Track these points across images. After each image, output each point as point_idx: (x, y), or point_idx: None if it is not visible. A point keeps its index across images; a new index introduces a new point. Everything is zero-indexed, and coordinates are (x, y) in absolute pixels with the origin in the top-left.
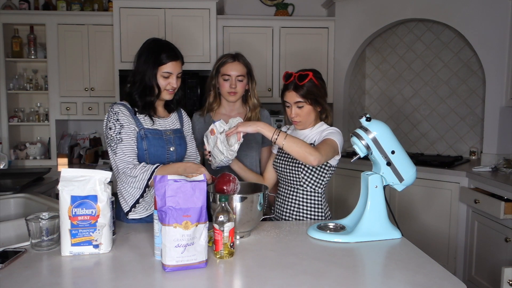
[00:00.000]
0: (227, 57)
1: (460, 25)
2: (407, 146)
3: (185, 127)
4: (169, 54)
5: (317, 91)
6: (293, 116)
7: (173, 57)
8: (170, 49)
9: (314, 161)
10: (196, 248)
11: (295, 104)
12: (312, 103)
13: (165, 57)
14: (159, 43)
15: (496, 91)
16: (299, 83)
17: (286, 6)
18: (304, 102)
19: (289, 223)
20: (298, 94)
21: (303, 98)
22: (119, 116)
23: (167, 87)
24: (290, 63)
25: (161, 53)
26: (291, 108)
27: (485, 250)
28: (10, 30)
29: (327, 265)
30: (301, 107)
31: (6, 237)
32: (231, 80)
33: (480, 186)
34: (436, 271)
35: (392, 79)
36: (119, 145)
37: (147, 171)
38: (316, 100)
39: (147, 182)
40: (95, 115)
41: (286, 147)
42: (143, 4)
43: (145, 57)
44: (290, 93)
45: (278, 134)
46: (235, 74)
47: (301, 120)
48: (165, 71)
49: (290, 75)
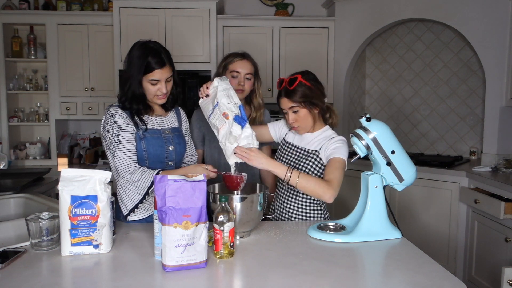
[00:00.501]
0: (235, 55)
1: (460, 25)
2: (407, 146)
3: (183, 126)
4: (155, 61)
5: (310, 93)
6: (291, 122)
7: (159, 64)
8: (156, 55)
9: (329, 199)
10: (196, 248)
11: (290, 109)
12: (306, 106)
13: (151, 65)
14: (146, 49)
15: (496, 91)
16: (290, 88)
17: (286, 6)
18: (298, 106)
19: (289, 223)
20: (290, 99)
21: (296, 103)
22: (116, 118)
23: (157, 93)
24: (290, 63)
25: (146, 61)
26: (288, 114)
27: (485, 250)
28: (10, 30)
29: (327, 265)
30: (296, 111)
31: (6, 237)
32: (240, 77)
33: (480, 186)
34: (436, 271)
35: (392, 79)
36: (117, 148)
37: (148, 178)
38: (311, 102)
39: (147, 190)
40: (95, 115)
41: (300, 187)
42: (143, 4)
43: (133, 63)
44: (283, 99)
45: (291, 173)
46: (244, 71)
47: (300, 125)
48: (152, 78)
49: (282, 81)
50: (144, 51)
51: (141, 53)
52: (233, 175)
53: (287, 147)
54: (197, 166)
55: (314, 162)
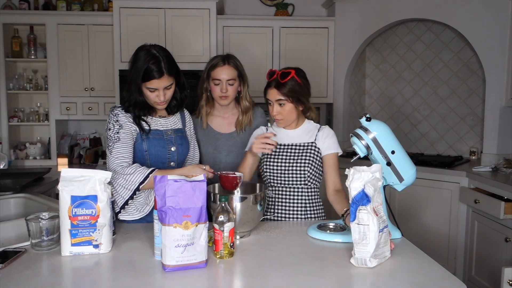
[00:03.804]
0: (217, 59)
1: (460, 25)
2: (407, 146)
3: (187, 127)
4: (154, 69)
5: (299, 90)
6: (275, 114)
7: (158, 73)
8: (155, 64)
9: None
10: (196, 248)
11: (276, 101)
12: (293, 101)
13: (149, 73)
14: (148, 55)
15: (496, 91)
16: (281, 80)
17: (286, 6)
18: (286, 100)
19: (289, 223)
20: (280, 92)
21: (284, 96)
22: (119, 117)
23: (155, 99)
24: (290, 63)
25: (146, 69)
26: (273, 106)
27: (485, 250)
28: (10, 30)
29: (327, 265)
30: (282, 105)
31: (6, 237)
32: (221, 84)
33: (480, 186)
34: (436, 271)
35: (392, 79)
36: (115, 144)
37: (140, 174)
38: (298, 98)
39: (138, 185)
40: (95, 115)
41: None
42: (143, 4)
43: (134, 68)
44: (272, 90)
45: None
46: (225, 78)
47: (283, 118)
48: (150, 87)
49: (274, 73)
50: (145, 58)
51: (142, 59)
52: (230, 176)
53: (278, 150)
54: (195, 167)
55: (314, 153)
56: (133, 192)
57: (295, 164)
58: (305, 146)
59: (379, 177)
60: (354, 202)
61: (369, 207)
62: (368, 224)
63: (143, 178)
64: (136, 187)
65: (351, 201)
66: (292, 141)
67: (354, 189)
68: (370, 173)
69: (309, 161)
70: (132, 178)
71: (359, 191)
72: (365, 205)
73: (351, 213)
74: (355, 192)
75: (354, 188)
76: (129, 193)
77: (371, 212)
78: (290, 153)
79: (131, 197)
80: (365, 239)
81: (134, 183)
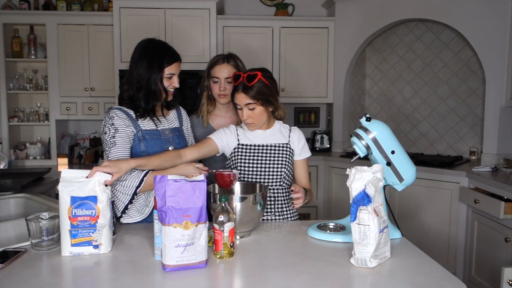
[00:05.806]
0: (218, 58)
1: (460, 25)
2: (407, 146)
3: (184, 126)
4: (171, 55)
5: (267, 91)
6: (245, 118)
7: (175, 58)
8: (170, 51)
9: None
10: (196, 248)
11: (246, 106)
12: (263, 104)
13: (167, 60)
14: (157, 45)
15: (496, 91)
16: (248, 84)
17: (286, 6)
18: (255, 104)
19: (289, 223)
20: (248, 95)
21: (253, 100)
22: (114, 120)
23: (169, 87)
24: (290, 63)
25: (163, 56)
26: (243, 110)
27: (485, 250)
28: (10, 30)
29: (327, 265)
30: (252, 108)
31: (6, 237)
32: (220, 82)
33: (480, 186)
34: (436, 271)
35: (392, 79)
36: (112, 149)
37: (135, 178)
38: (267, 100)
39: (135, 189)
40: (95, 115)
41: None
42: (143, 4)
43: (147, 61)
44: (240, 94)
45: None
46: (224, 76)
47: (254, 122)
48: (169, 72)
49: (239, 76)
50: (157, 47)
51: (154, 50)
52: (225, 173)
53: (250, 149)
54: (188, 165)
55: (288, 155)
56: (131, 196)
57: (272, 165)
58: (280, 147)
59: (380, 177)
60: (355, 202)
61: (370, 207)
62: (368, 224)
63: (139, 182)
64: (133, 192)
65: (351, 201)
66: (266, 142)
67: (355, 189)
68: (371, 173)
69: (285, 162)
70: (128, 184)
71: (360, 191)
72: (366, 205)
73: (352, 213)
74: (356, 192)
75: (355, 188)
76: (128, 197)
77: (371, 213)
78: (263, 153)
79: (130, 201)
80: (366, 239)
81: (131, 188)
